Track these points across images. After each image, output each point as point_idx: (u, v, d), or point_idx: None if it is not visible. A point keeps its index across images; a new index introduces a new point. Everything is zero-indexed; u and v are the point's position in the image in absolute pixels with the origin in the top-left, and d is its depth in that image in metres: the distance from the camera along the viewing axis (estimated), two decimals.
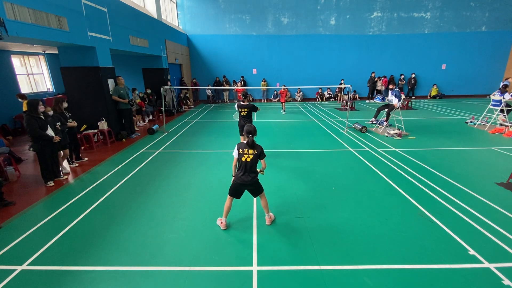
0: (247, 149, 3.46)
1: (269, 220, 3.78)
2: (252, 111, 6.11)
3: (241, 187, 3.58)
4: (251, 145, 3.44)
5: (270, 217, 3.81)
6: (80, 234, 3.66)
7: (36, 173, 5.81)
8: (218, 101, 17.83)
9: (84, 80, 7.63)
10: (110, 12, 8.29)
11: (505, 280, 2.75)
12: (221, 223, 3.70)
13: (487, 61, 17.64)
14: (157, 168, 6.05)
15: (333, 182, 5.13)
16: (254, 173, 3.54)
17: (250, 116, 6.13)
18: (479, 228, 3.62)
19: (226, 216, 3.70)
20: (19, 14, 5.05)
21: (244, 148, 3.47)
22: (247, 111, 6.04)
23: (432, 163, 5.97)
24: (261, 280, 2.80)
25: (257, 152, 3.47)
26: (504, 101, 8.82)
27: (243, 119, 6.16)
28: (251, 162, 3.46)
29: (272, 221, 3.83)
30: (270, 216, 3.82)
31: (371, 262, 3.04)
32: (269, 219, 3.79)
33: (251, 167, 3.48)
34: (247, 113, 6.05)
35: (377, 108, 9.92)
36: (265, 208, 3.75)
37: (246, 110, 6.03)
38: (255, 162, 3.49)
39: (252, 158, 3.45)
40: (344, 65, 17.66)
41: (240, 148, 3.50)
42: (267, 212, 3.78)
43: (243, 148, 3.48)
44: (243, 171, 3.50)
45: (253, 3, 16.54)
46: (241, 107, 6.10)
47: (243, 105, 6.07)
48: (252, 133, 3.49)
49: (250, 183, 3.51)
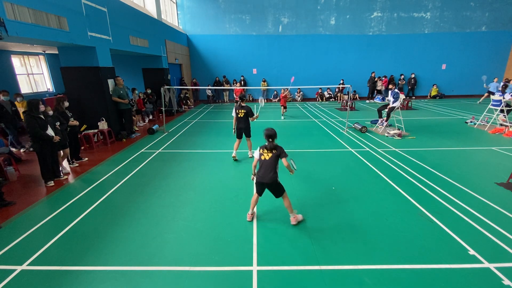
0: (267, 150, 3.59)
1: (294, 219, 3.75)
2: (249, 114, 6.13)
3: (261, 186, 3.68)
4: (275, 148, 3.58)
5: (295, 217, 3.77)
6: (80, 234, 3.66)
7: (36, 173, 5.82)
8: (218, 101, 17.83)
9: (84, 80, 7.64)
10: (110, 12, 8.29)
11: (505, 280, 2.75)
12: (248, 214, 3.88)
13: (487, 61, 17.64)
14: (157, 168, 6.05)
15: (333, 182, 5.13)
16: (273, 172, 3.56)
17: (247, 118, 6.15)
18: (479, 228, 3.62)
19: (252, 208, 3.87)
20: (19, 14, 5.05)
21: (265, 148, 3.61)
22: (244, 113, 6.08)
23: (432, 163, 5.97)
24: (261, 280, 2.80)
25: (277, 152, 3.57)
26: (504, 101, 8.82)
27: (240, 121, 6.16)
28: (269, 160, 3.55)
29: (298, 221, 3.78)
30: (295, 216, 3.78)
31: (371, 262, 3.03)
32: (294, 218, 3.75)
33: (269, 166, 3.54)
34: (244, 114, 6.09)
35: (377, 108, 9.93)
36: (288, 208, 3.74)
37: (243, 112, 6.08)
38: (274, 161, 3.55)
39: (271, 156, 3.55)
40: (344, 65, 17.66)
41: (261, 148, 3.65)
42: (290, 212, 3.76)
43: (263, 148, 3.62)
44: (262, 170, 3.59)
45: (253, 3, 16.54)
46: (238, 109, 6.12)
47: (242, 107, 6.12)
48: (272, 137, 3.58)
49: (269, 182, 3.56)
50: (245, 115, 6.11)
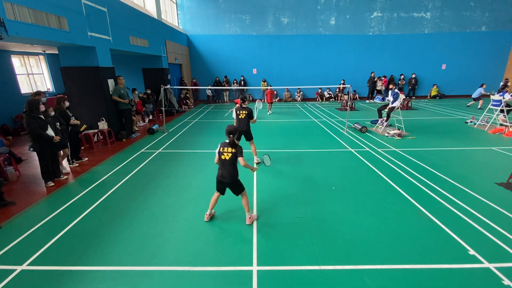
0: (227, 147, 3.55)
1: (249, 220, 3.79)
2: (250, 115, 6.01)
3: (221, 185, 3.72)
4: (233, 144, 3.53)
5: (251, 217, 3.82)
6: (80, 234, 3.66)
7: (36, 173, 5.82)
8: (218, 101, 17.83)
9: (84, 80, 7.63)
10: (110, 12, 8.29)
11: (505, 280, 2.75)
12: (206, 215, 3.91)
13: (487, 61, 17.64)
14: (157, 168, 6.04)
15: (333, 182, 5.13)
16: (233, 171, 3.61)
17: (248, 120, 6.03)
18: (479, 228, 3.62)
19: (211, 209, 3.90)
20: (19, 14, 5.05)
21: (225, 147, 3.57)
22: (246, 114, 5.96)
23: (432, 163, 5.97)
24: (261, 280, 2.80)
25: (235, 151, 3.53)
26: (504, 101, 8.82)
27: (239, 122, 6.02)
28: (229, 160, 3.55)
29: (253, 221, 3.84)
30: (251, 216, 3.83)
31: (371, 262, 3.03)
32: (249, 218, 3.80)
33: (229, 166, 3.57)
34: (245, 115, 5.96)
35: (377, 108, 9.93)
36: (245, 207, 3.79)
37: (244, 113, 5.97)
38: (233, 160, 3.56)
39: (230, 156, 3.54)
40: (344, 65, 17.66)
41: (221, 146, 3.60)
42: (247, 211, 3.80)
43: (223, 146, 3.58)
44: (222, 169, 3.62)
45: (253, 3, 16.54)
46: (239, 110, 6.01)
47: (243, 108, 6.00)
48: (233, 133, 3.53)
49: (229, 181, 3.61)
50: (246, 116, 5.99)
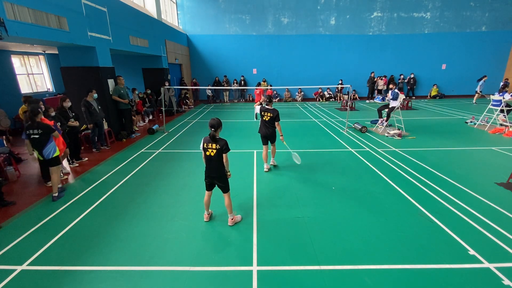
0: (211, 143, 3.47)
1: (231, 221, 3.77)
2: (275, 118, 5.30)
3: (209, 179, 3.69)
4: (213, 139, 3.44)
5: (234, 219, 3.80)
6: (80, 234, 3.66)
7: (36, 173, 5.82)
8: (218, 101, 17.83)
9: (84, 80, 7.63)
10: (110, 12, 8.28)
11: (505, 280, 2.75)
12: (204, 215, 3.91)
13: (487, 61, 17.63)
14: (157, 168, 6.04)
15: (333, 182, 5.13)
16: (220, 167, 3.55)
17: (273, 123, 5.34)
18: (479, 228, 3.62)
19: (207, 209, 3.90)
20: (19, 14, 5.05)
21: (208, 143, 3.49)
22: (270, 117, 5.31)
23: (432, 163, 5.97)
24: (261, 280, 2.80)
25: (220, 147, 3.46)
26: (504, 101, 8.82)
27: (264, 125, 5.43)
28: (215, 156, 3.49)
29: (235, 222, 3.82)
30: (234, 217, 3.81)
31: (371, 262, 3.04)
32: (231, 220, 3.78)
33: (216, 162, 3.51)
34: (270, 118, 5.32)
35: (377, 108, 9.93)
36: (228, 208, 3.76)
37: (269, 115, 5.31)
38: (219, 157, 3.50)
39: (215, 152, 3.47)
40: (344, 65, 17.66)
41: (204, 142, 3.52)
42: (229, 213, 3.78)
43: (207, 142, 3.50)
44: (208, 166, 3.58)
45: (253, 3, 16.54)
46: (264, 111, 5.39)
47: (268, 109, 5.36)
48: (214, 126, 3.43)
49: (215, 175, 3.58)
50: (270, 119, 5.31)
